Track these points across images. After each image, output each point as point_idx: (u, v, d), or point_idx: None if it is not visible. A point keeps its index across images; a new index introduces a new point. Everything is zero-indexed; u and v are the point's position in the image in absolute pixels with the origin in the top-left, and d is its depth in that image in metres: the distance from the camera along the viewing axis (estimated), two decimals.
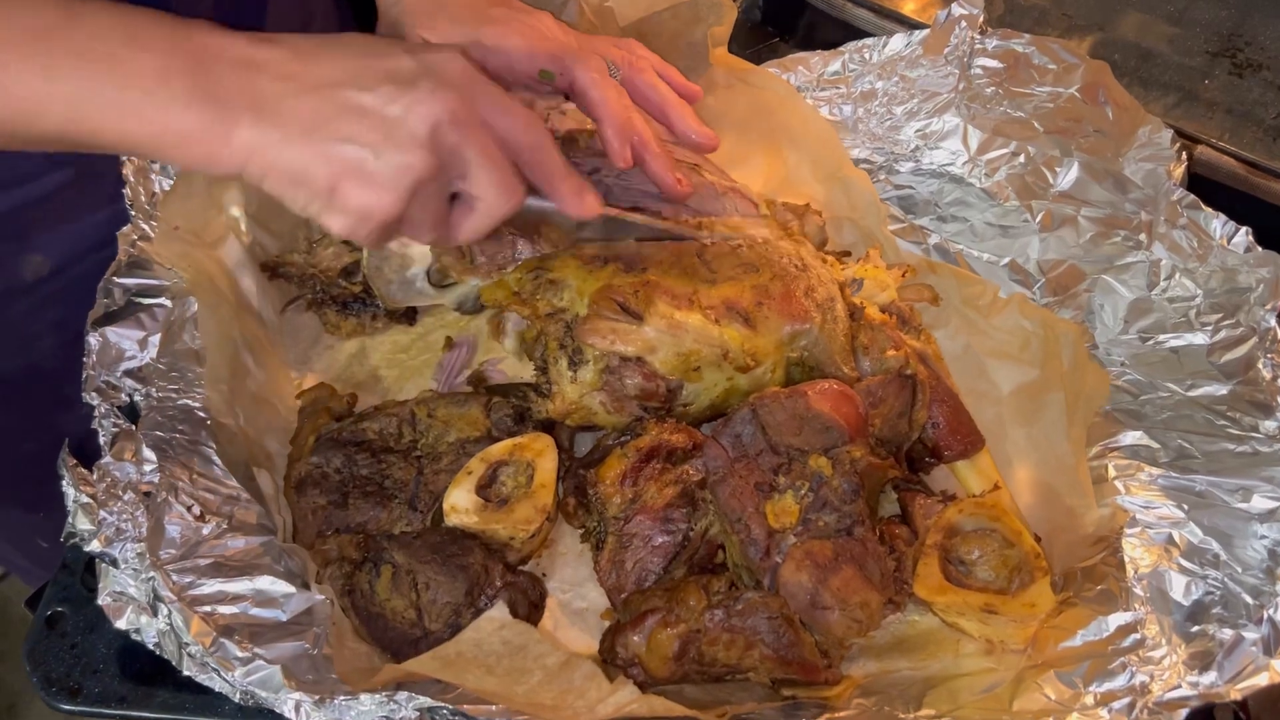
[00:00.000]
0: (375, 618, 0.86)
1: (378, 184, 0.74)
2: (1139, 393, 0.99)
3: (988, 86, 1.14)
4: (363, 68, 0.75)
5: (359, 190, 0.74)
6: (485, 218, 0.81)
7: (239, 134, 0.72)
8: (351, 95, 0.74)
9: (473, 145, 0.77)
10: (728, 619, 0.81)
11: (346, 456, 0.94)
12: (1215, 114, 1.22)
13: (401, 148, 0.74)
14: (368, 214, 0.75)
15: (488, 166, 0.78)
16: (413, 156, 0.74)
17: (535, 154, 0.82)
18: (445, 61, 0.77)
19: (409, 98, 0.74)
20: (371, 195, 0.74)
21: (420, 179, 0.75)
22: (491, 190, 0.79)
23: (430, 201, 0.78)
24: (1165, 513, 0.90)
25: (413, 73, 0.75)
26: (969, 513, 0.90)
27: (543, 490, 0.91)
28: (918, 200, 1.19)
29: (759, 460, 0.88)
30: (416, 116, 0.74)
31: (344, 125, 0.73)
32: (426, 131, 0.74)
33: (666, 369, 0.91)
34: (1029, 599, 0.85)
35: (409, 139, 0.74)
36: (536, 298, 0.93)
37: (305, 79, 0.74)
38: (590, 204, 0.86)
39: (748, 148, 1.21)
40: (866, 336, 0.98)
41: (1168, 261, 1.03)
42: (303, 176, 0.74)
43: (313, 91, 0.73)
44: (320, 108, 0.73)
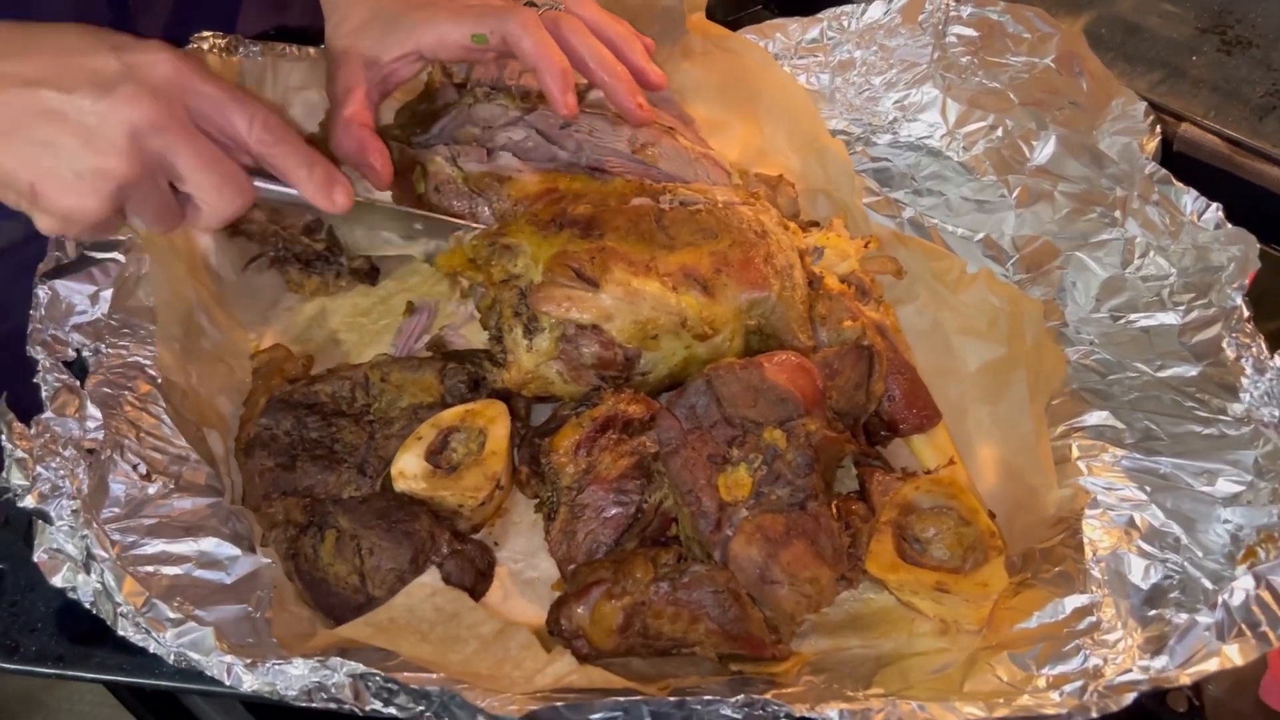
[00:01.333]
0: (318, 583, 0.85)
1: (78, 190, 0.75)
2: (1107, 372, 0.97)
3: (963, 56, 1.13)
4: (64, 66, 0.74)
5: (60, 194, 0.75)
6: (213, 217, 0.82)
7: None
8: (50, 97, 0.73)
9: (182, 150, 0.77)
10: (673, 592, 0.79)
11: (297, 419, 0.93)
12: (1201, 91, 1.20)
13: (99, 153, 0.74)
14: (71, 217, 0.76)
15: (201, 170, 0.78)
16: (111, 162, 0.74)
17: (265, 148, 0.82)
18: (151, 64, 0.76)
19: (107, 102, 0.74)
20: (73, 200, 0.75)
21: (122, 184, 0.75)
22: (211, 193, 0.79)
23: (146, 201, 0.78)
24: (1127, 494, 0.88)
25: (114, 75, 0.75)
26: (925, 490, 0.88)
27: (493, 458, 0.89)
28: (894, 173, 1.18)
29: (713, 432, 0.86)
30: (114, 122, 0.74)
31: (42, 128, 0.73)
32: (125, 138, 0.74)
33: (624, 337, 0.89)
34: (982, 578, 0.83)
35: (107, 145, 0.74)
36: (491, 264, 0.92)
37: (4, 76, 0.73)
38: (339, 198, 0.86)
39: (725, 115, 1.19)
40: (824, 306, 0.97)
41: (1142, 239, 1.01)
42: (6, 178, 0.75)
43: (11, 91, 0.73)
44: (18, 109, 0.73)
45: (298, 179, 0.84)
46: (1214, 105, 1.15)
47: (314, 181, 0.85)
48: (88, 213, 0.76)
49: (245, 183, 0.81)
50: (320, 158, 0.85)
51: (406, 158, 1.01)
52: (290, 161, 0.83)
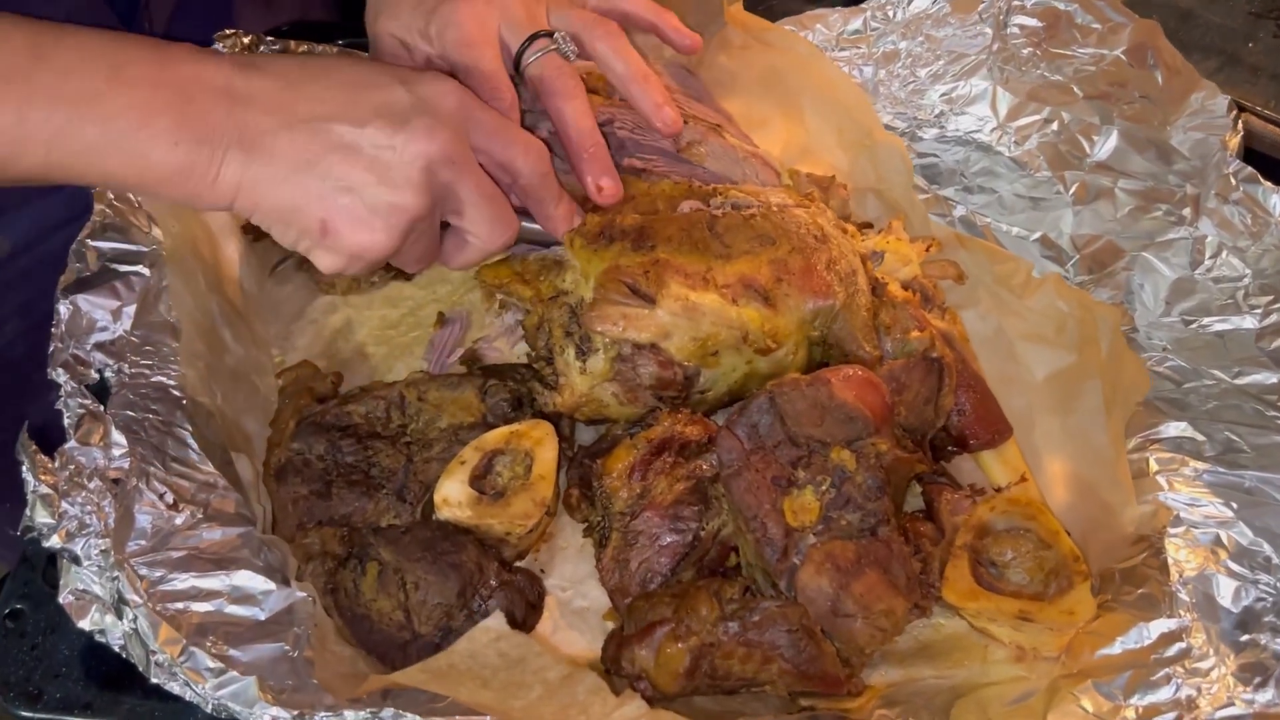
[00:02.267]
0: (360, 619, 0.80)
1: (371, 226, 0.73)
2: (1182, 380, 0.93)
3: (1024, 47, 1.07)
4: (354, 100, 0.73)
5: (352, 231, 0.73)
6: (478, 252, 0.81)
7: (226, 172, 0.70)
8: (343, 131, 0.72)
9: (467, 183, 0.76)
10: (743, 632, 0.75)
11: (330, 442, 0.88)
12: (1260, 80, 1.15)
13: (395, 188, 0.73)
14: (360, 254, 0.74)
15: (482, 205, 0.78)
16: (406, 197, 0.73)
17: (533, 182, 0.81)
18: (440, 95, 0.75)
19: (403, 136, 0.72)
20: (365, 236, 0.73)
21: (414, 219, 0.74)
22: (485, 227, 0.79)
23: (423, 238, 0.77)
24: (1212, 511, 0.84)
25: (406, 108, 0.73)
26: (1001, 510, 0.84)
27: (541, 482, 0.84)
28: (942, 169, 1.12)
29: (777, 453, 0.82)
30: (410, 156, 0.72)
31: (335, 164, 0.72)
32: (420, 172, 0.73)
33: (683, 355, 0.84)
34: (1067, 606, 0.79)
35: (403, 180, 0.73)
36: (539, 279, 0.87)
37: (294, 112, 0.71)
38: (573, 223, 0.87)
39: (766, 111, 1.13)
40: (888, 315, 0.92)
41: (1214, 238, 0.97)
42: (293, 215, 0.73)
43: (302, 126, 0.71)
44: (310, 144, 0.71)
45: (548, 214, 0.85)
46: (1274, 94, 1.10)
47: (560, 216, 0.85)
48: (378, 249, 0.74)
49: (514, 217, 0.81)
50: (564, 190, 0.85)
51: None
52: (549, 194, 0.83)
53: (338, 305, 1.04)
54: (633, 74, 0.92)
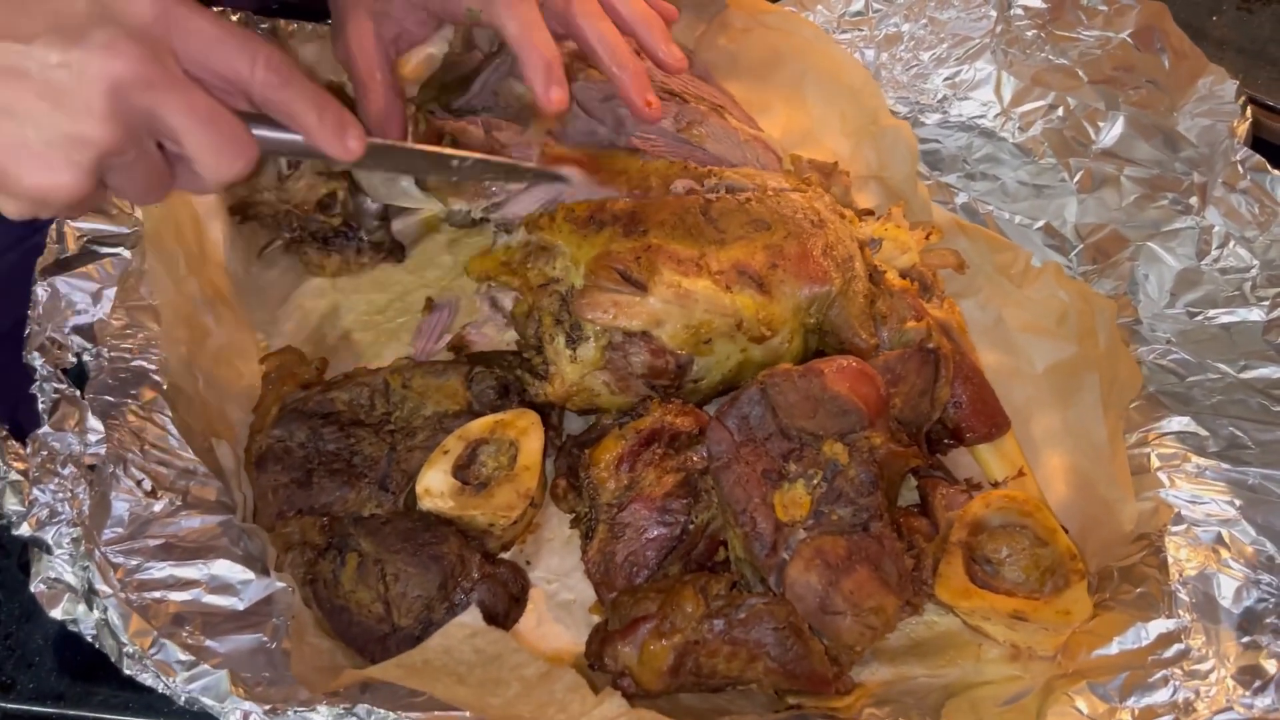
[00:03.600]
0: (339, 610, 0.79)
1: (49, 163, 0.62)
2: (1186, 374, 0.91)
3: (1028, 29, 1.05)
4: (18, 10, 0.61)
5: (27, 171, 0.62)
6: (211, 181, 0.68)
7: None
8: (7, 51, 0.60)
9: (172, 105, 0.64)
10: (729, 630, 0.73)
11: (312, 430, 0.86)
12: (1226, 53, 1.13)
13: (73, 117, 0.61)
14: (44, 198, 0.63)
15: (197, 128, 0.65)
16: (89, 127, 0.62)
17: (271, 91, 0.69)
18: (128, 1, 0.63)
19: (78, 52, 0.61)
20: (44, 176, 0.62)
21: (105, 153, 0.63)
22: (209, 154, 0.66)
23: (132, 170, 0.66)
24: (1214, 509, 0.83)
25: (84, 17, 0.62)
26: (997, 506, 0.82)
27: (526, 473, 0.83)
28: (944, 156, 1.10)
29: (768, 445, 0.80)
30: (90, 77, 0.61)
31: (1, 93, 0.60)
32: (104, 96, 0.61)
33: (675, 343, 0.82)
34: (1063, 605, 0.77)
35: (82, 107, 0.61)
36: (527, 267, 0.85)
37: None
38: (352, 144, 0.73)
39: (766, 95, 1.10)
40: (885, 304, 0.89)
41: (1221, 228, 0.95)
42: None
43: None
44: None
45: (307, 124, 0.71)
46: (1241, 67, 1.07)
47: (326, 126, 0.71)
48: (63, 191, 0.63)
49: (247, 138, 0.68)
50: (331, 99, 0.72)
51: (433, 129, 0.94)
52: (299, 105, 0.70)
53: (325, 290, 1.02)
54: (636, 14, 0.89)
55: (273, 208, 0.99)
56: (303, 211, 0.98)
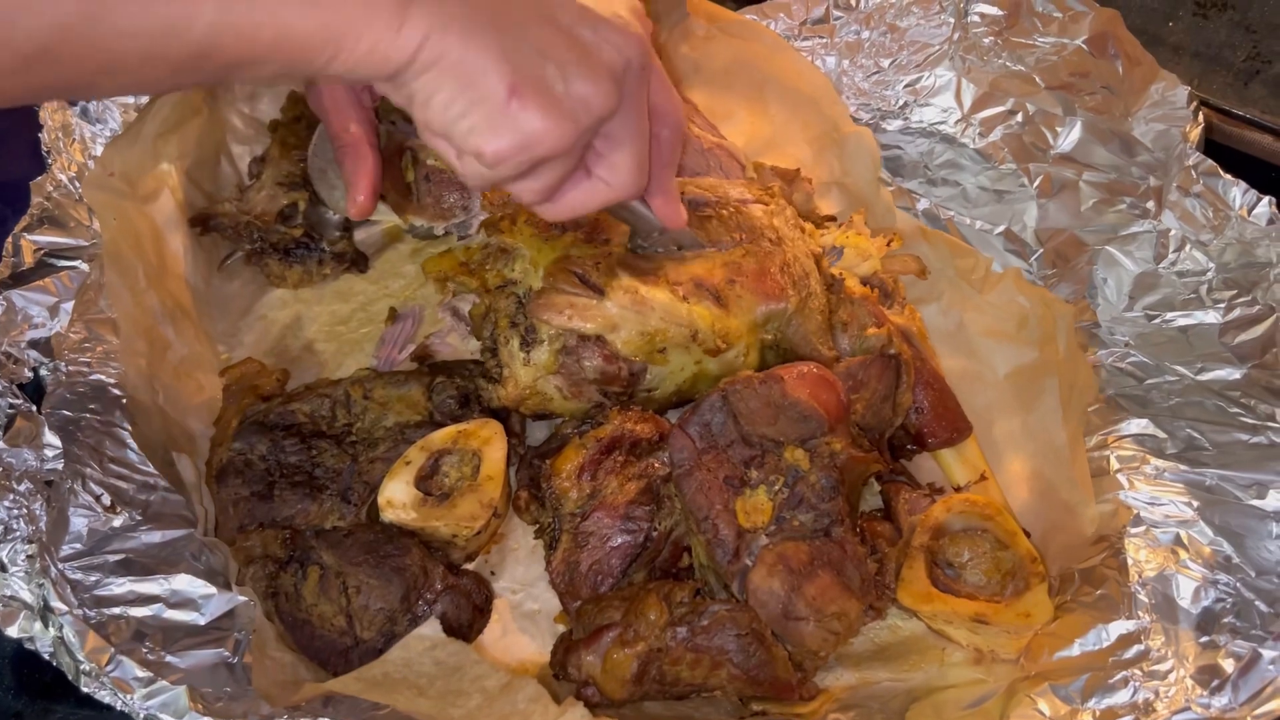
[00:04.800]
0: (301, 624, 0.78)
1: (560, 109, 0.62)
2: (1144, 376, 0.91)
3: (985, 36, 1.05)
4: None
5: (540, 108, 0.61)
6: (602, 196, 0.71)
7: (415, 17, 0.59)
8: (552, 5, 0.63)
9: (641, 104, 0.68)
10: (692, 637, 0.73)
11: (273, 442, 0.86)
12: (1182, 58, 1.13)
13: (595, 77, 0.63)
14: (535, 141, 0.63)
15: (639, 136, 0.68)
16: (604, 90, 0.64)
17: (673, 138, 0.74)
18: (629, 17, 0.68)
19: (607, 26, 0.65)
20: (551, 120, 0.62)
21: (600, 119, 0.65)
22: (628, 166, 0.69)
23: (576, 154, 0.67)
24: (1172, 510, 0.83)
25: (604, 7, 0.66)
26: (958, 510, 0.82)
27: (489, 483, 0.82)
28: (905, 162, 1.10)
29: (729, 452, 0.80)
30: (613, 47, 0.64)
31: (537, 30, 0.62)
32: (621, 67, 0.65)
33: (629, 350, 0.82)
34: (1024, 608, 0.78)
35: (604, 71, 0.64)
36: (485, 268, 0.85)
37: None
38: (681, 215, 0.79)
39: (728, 104, 1.11)
40: (846, 312, 0.90)
41: (1177, 232, 0.95)
42: (477, 76, 0.60)
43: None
44: (512, 5, 0.62)
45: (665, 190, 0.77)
46: (1197, 72, 1.08)
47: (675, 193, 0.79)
48: (554, 140, 0.63)
49: (648, 171, 0.72)
50: None
51: (395, 143, 0.94)
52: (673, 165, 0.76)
53: (287, 301, 1.01)
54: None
55: (233, 219, 0.98)
56: (264, 223, 0.97)
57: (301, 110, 1.03)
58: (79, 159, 0.97)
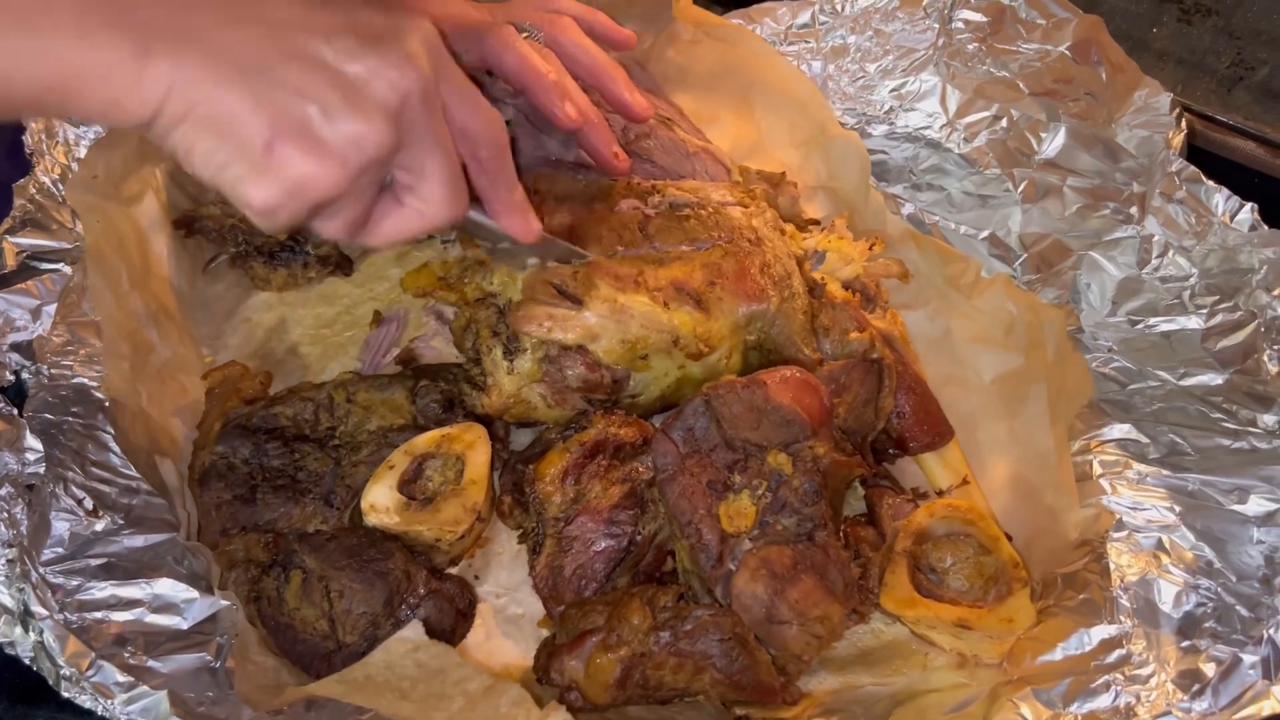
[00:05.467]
0: (283, 628, 0.78)
1: (325, 153, 0.59)
2: (1127, 381, 0.91)
3: (970, 42, 1.05)
4: (320, 9, 0.61)
5: (301, 155, 0.59)
6: (417, 224, 0.67)
7: (155, 66, 0.56)
8: (306, 40, 0.60)
9: (434, 133, 0.64)
10: (675, 641, 0.73)
11: (256, 445, 0.85)
12: (1166, 64, 1.13)
13: (363, 115, 0.60)
14: (303, 187, 0.60)
15: (443, 166, 0.65)
16: (375, 128, 0.60)
17: (493, 157, 0.70)
18: (416, 28, 0.64)
19: (378, 58, 0.61)
20: (315, 165, 0.59)
21: (375, 158, 0.61)
22: (438, 196, 0.66)
23: (368, 189, 0.64)
24: (1154, 515, 0.83)
25: (381, 29, 0.62)
26: (941, 515, 0.82)
27: (473, 487, 0.82)
28: (891, 166, 1.10)
29: (713, 456, 0.80)
30: (386, 81, 0.61)
31: (295, 74, 0.59)
32: (395, 101, 0.61)
33: (611, 358, 0.82)
34: (1006, 613, 0.78)
35: (374, 106, 0.60)
36: (464, 282, 0.85)
37: (247, 9, 0.59)
38: (533, 227, 0.76)
39: (715, 108, 1.11)
40: (828, 317, 0.90)
41: (1160, 237, 0.95)
42: (232, 126, 0.58)
43: (257, 24, 0.59)
44: (265, 46, 0.59)
45: (500, 198, 0.73)
46: (1181, 78, 1.08)
47: (515, 205, 0.74)
48: (325, 185, 0.60)
49: (466, 194, 0.69)
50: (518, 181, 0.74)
51: None
52: (504, 177, 0.72)
53: (271, 304, 1.01)
54: (598, 64, 0.89)
55: (218, 221, 0.98)
56: (249, 226, 0.97)
57: None
58: (62, 161, 0.97)
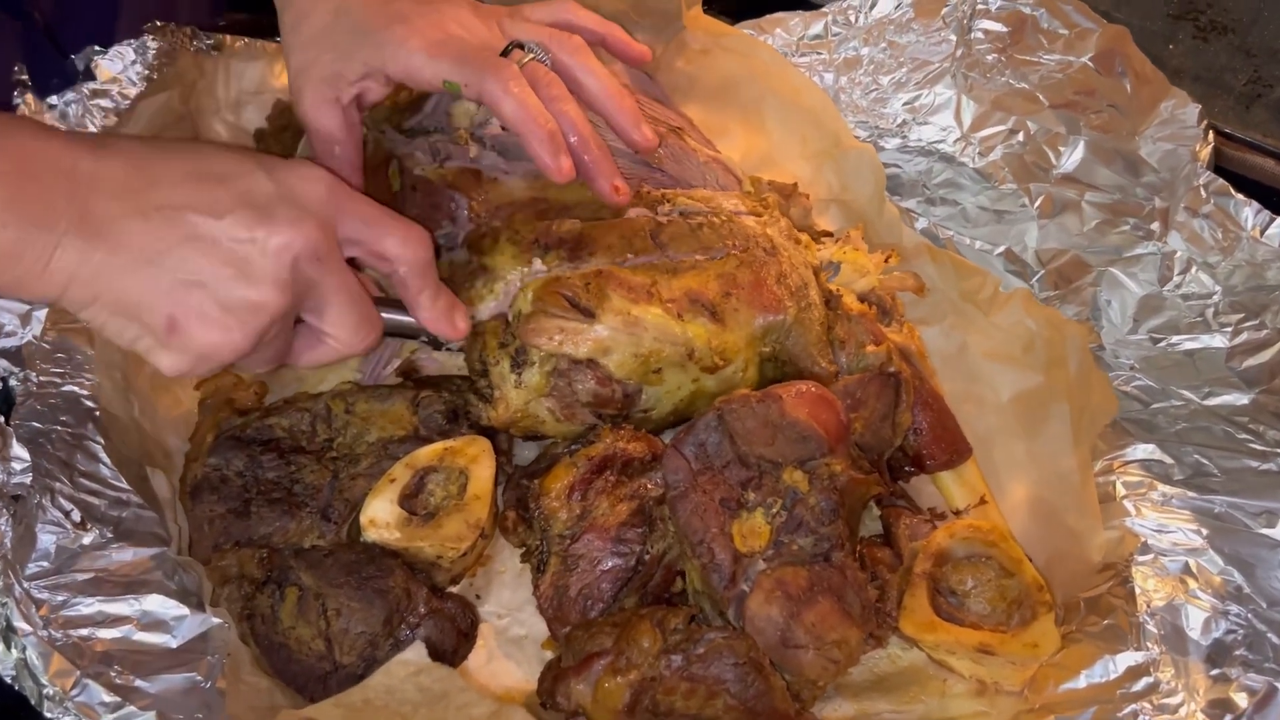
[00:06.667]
0: (277, 647, 0.75)
1: (225, 325, 0.67)
2: (1150, 400, 0.90)
3: (989, 53, 1.04)
4: (212, 188, 0.67)
5: (202, 330, 0.67)
6: (333, 354, 0.76)
7: (61, 258, 0.63)
8: (198, 221, 0.66)
9: (331, 281, 0.71)
10: (687, 666, 0.70)
11: (250, 457, 0.82)
12: (1183, 82, 1.11)
13: (255, 285, 0.67)
14: (209, 356, 0.68)
15: (346, 306, 0.73)
16: (267, 295, 0.68)
17: (411, 272, 0.76)
18: (306, 183, 0.70)
19: (265, 228, 0.67)
20: (217, 336, 0.67)
21: (273, 319, 0.69)
22: (346, 330, 0.74)
23: (278, 339, 0.72)
24: (1180, 538, 0.81)
25: (269, 197, 0.68)
26: (961, 536, 0.79)
27: (477, 502, 0.79)
28: (904, 180, 1.08)
29: (725, 473, 0.77)
30: (274, 250, 0.67)
31: (188, 256, 0.66)
32: (284, 267, 0.68)
33: (623, 372, 0.79)
34: (1030, 638, 0.75)
35: (264, 276, 0.67)
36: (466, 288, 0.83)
37: (145, 199, 0.66)
38: (460, 324, 0.81)
39: (724, 120, 1.09)
40: (843, 329, 0.88)
41: (1183, 254, 0.94)
42: (136, 311, 0.66)
43: (154, 214, 0.65)
44: (161, 234, 0.65)
45: (424, 307, 0.79)
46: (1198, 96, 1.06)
47: (437, 309, 0.79)
48: (229, 350, 0.68)
49: (378, 319, 0.76)
50: (445, 286, 0.80)
51: (381, 152, 0.91)
52: (427, 287, 0.78)
53: None
54: (606, 90, 0.87)
55: None
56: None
57: (289, 119, 1.01)
58: None
